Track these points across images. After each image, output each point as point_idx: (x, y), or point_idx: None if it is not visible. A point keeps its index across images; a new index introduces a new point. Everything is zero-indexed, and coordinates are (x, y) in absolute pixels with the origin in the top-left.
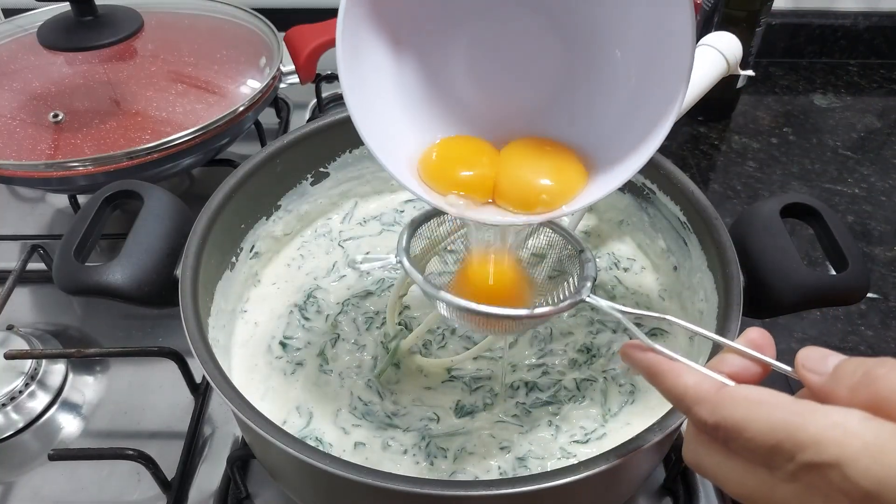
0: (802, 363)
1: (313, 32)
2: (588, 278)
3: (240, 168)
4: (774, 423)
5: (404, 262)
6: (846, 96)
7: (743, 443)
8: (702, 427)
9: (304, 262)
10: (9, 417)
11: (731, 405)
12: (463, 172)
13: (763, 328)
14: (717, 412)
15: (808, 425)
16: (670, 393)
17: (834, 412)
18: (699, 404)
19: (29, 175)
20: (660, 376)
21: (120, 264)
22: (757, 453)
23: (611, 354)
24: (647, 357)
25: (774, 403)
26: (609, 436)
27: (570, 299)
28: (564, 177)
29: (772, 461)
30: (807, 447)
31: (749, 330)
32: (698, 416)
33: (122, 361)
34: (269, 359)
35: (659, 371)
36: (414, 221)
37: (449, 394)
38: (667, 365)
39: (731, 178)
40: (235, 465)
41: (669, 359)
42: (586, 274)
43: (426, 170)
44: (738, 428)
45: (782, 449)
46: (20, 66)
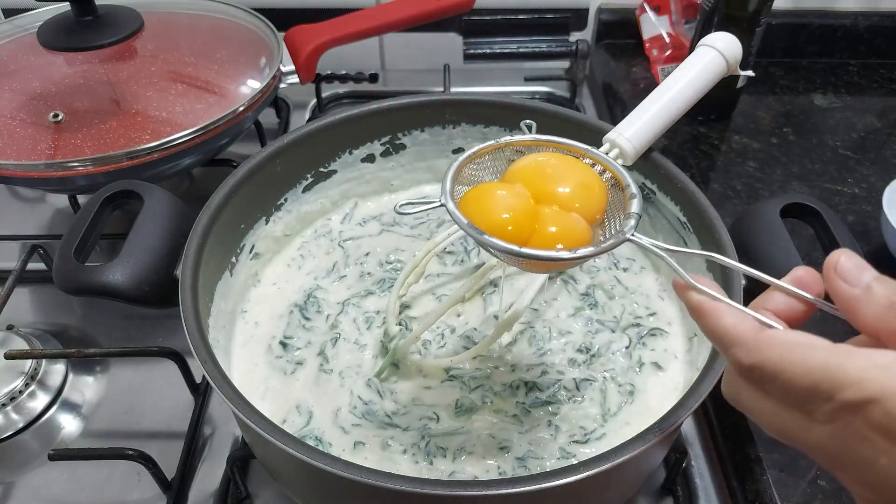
0: (837, 270)
1: (313, 32)
2: (632, 216)
3: (240, 168)
4: (812, 365)
5: (448, 204)
6: (846, 96)
7: (780, 385)
8: (739, 368)
9: (305, 262)
10: (9, 417)
11: (768, 347)
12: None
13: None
14: (753, 354)
15: (847, 366)
16: (710, 333)
17: (871, 353)
18: (737, 346)
19: (29, 175)
20: (702, 316)
21: (120, 264)
22: (793, 395)
23: (610, 354)
24: (691, 296)
25: (812, 345)
26: (608, 436)
27: (614, 239)
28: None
29: (808, 402)
30: (846, 387)
31: (797, 268)
32: (735, 358)
33: (122, 361)
34: (269, 358)
35: (702, 311)
36: (453, 165)
37: (448, 393)
38: (709, 305)
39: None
40: (235, 465)
41: (712, 299)
42: (631, 211)
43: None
44: (774, 370)
45: (820, 390)
46: (20, 66)
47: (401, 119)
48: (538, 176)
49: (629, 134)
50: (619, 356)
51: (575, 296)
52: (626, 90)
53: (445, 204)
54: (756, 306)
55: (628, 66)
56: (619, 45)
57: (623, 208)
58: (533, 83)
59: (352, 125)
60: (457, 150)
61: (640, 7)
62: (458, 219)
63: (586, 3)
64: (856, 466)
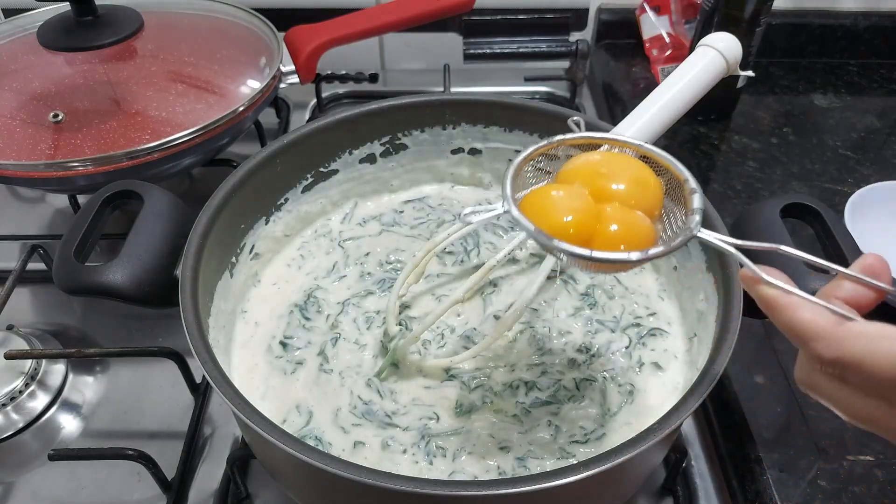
0: None
1: (313, 32)
2: (696, 211)
3: (240, 168)
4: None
5: (513, 211)
6: (846, 96)
7: (863, 377)
8: (819, 361)
9: (305, 263)
10: (9, 417)
11: (850, 341)
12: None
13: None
14: (835, 348)
15: None
16: (787, 328)
17: None
18: (817, 340)
19: (29, 175)
20: (777, 310)
21: (120, 264)
22: (876, 386)
23: (610, 354)
24: (763, 290)
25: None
26: (608, 436)
27: (682, 236)
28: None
29: (892, 392)
30: None
31: (866, 255)
32: (816, 352)
33: (122, 361)
34: (269, 358)
35: (776, 305)
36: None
37: (448, 393)
38: (784, 299)
39: (731, 178)
40: (235, 465)
41: (785, 292)
42: (694, 207)
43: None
44: (858, 363)
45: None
46: (20, 66)
47: (401, 119)
48: (594, 174)
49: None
50: (619, 356)
51: (575, 296)
52: (626, 90)
53: (510, 210)
54: (826, 295)
55: (628, 66)
56: (619, 45)
57: (681, 203)
58: (533, 83)
59: (352, 125)
60: (456, 150)
61: (640, 7)
62: (525, 225)
63: (586, 3)
64: None
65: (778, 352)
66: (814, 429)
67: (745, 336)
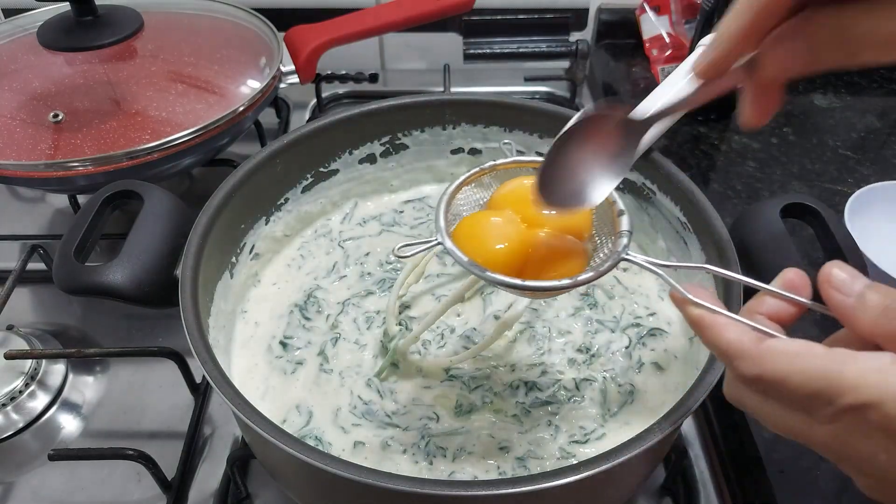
0: (830, 281)
1: (313, 32)
2: (624, 234)
3: (240, 168)
4: (814, 374)
5: (446, 243)
6: (846, 96)
7: (784, 392)
8: (742, 378)
9: (305, 263)
10: (9, 417)
11: (772, 359)
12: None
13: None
14: (756, 366)
15: (846, 372)
16: (713, 347)
17: (868, 358)
18: (740, 359)
19: (29, 175)
20: (703, 330)
21: (120, 264)
22: (796, 400)
23: (610, 354)
24: (690, 311)
25: (812, 354)
26: (608, 436)
27: (611, 260)
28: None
29: (811, 406)
30: (846, 392)
31: (786, 270)
32: (739, 370)
33: (122, 361)
34: (269, 358)
35: (702, 325)
36: (443, 199)
37: (448, 393)
38: (709, 319)
39: (731, 178)
40: (235, 465)
41: (711, 312)
42: (622, 229)
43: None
44: (778, 380)
45: (822, 396)
46: (20, 66)
47: (401, 119)
48: (524, 200)
49: None
50: (618, 356)
51: (575, 296)
52: (626, 90)
53: (443, 242)
54: (750, 311)
55: (628, 66)
56: (619, 45)
57: (613, 224)
58: (533, 83)
59: (352, 125)
60: (456, 150)
61: (640, 7)
62: (458, 257)
63: (586, 3)
64: (857, 461)
65: None
66: None
67: None
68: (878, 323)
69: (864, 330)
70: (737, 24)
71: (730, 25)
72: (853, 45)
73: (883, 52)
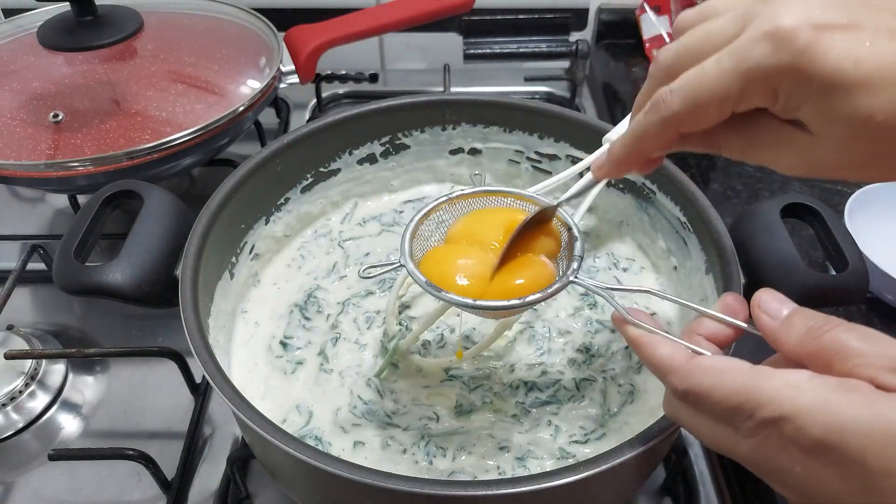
0: (759, 305)
1: (313, 32)
2: (576, 258)
3: (240, 168)
4: (735, 388)
5: (408, 265)
6: None
7: (709, 406)
8: (674, 392)
9: (305, 263)
10: (9, 417)
11: (699, 374)
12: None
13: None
14: (686, 380)
15: (763, 387)
16: (647, 362)
17: (786, 374)
18: (671, 374)
19: (29, 175)
20: (640, 347)
21: (120, 264)
22: (721, 414)
23: (610, 354)
24: (629, 330)
25: (735, 370)
26: (608, 436)
27: (559, 283)
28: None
29: (734, 420)
30: (763, 405)
31: (725, 295)
32: (671, 385)
33: (122, 361)
34: (269, 358)
35: (639, 342)
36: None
37: (448, 393)
38: (646, 338)
39: (731, 178)
40: (235, 465)
41: (648, 332)
42: (575, 254)
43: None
44: (703, 394)
45: (743, 409)
46: (20, 66)
47: (401, 119)
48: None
49: None
50: (618, 356)
51: (575, 296)
52: (626, 90)
53: (405, 265)
54: (689, 332)
55: (628, 66)
56: (619, 45)
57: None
58: (533, 83)
59: (352, 125)
60: (456, 150)
61: (640, 7)
62: (417, 278)
63: (586, 3)
64: (777, 474)
65: None
66: None
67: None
68: (802, 343)
69: (789, 350)
70: (624, 152)
71: (617, 151)
72: (757, 160)
73: (786, 171)
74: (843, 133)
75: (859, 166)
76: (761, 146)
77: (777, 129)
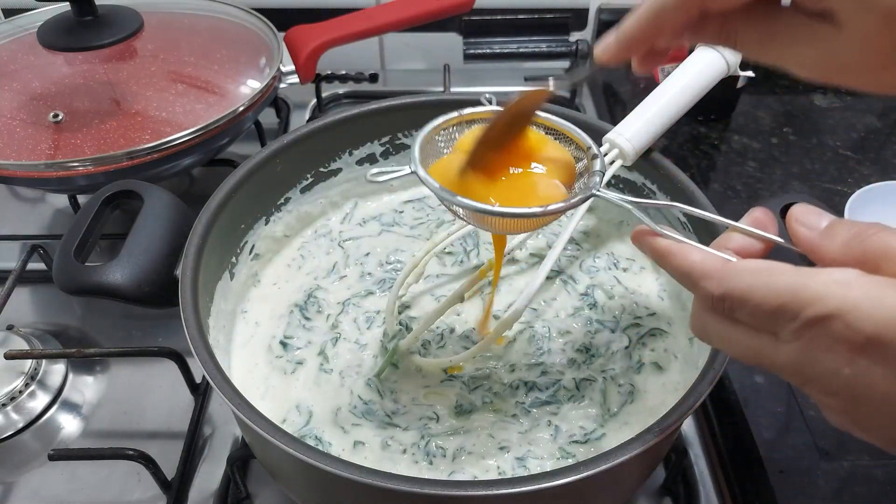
0: (796, 218)
1: (313, 32)
2: (596, 173)
3: (240, 168)
4: (778, 287)
5: (419, 171)
6: (846, 96)
7: (749, 310)
8: (708, 300)
9: (305, 263)
10: (9, 417)
11: (737, 276)
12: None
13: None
14: (723, 283)
15: (810, 284)
16: (678, 271)
17: (834, 272)
18: (706, 279)
19: (29, 175)
20: (668, 257)
21: (120, 264)
22: (761, 318)
23: (610, 354)
24: (656, 241)
25: (778, 270)
26: (608, 436)
27: (582, 194)
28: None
29: (776, 323)
30: (810, 304)
31: (753, 209)
32: (705, 290)
33: (122, 361)
34: (269, 358)
35: (668, 252)
36: (422, 133)
37: (448, 393)
38: (676, 247)
39: (731, 178)
40: (235, 465)
41: (677, 241)
42: (594, 169)
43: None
44: (743, 296)
45: (786, 310)
46: (20, 66)
47: (401, 119)
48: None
49: (629, 134)
50: (618, 356)
51: (574, 296)
52: (626, 90)
53: (416, 170)
54: (717, 246)
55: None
56: None
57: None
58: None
59: (352, 125)
60: None
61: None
62: (431, 184)
63: (586, 3)
64: (822, 378)
65: None
66: (814, 429)
67: None
68: (847, 249)
69: (833, 259)
70: (637, 26)
71: (629, 27)
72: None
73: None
74: (875, 23)
75: (882, 67)
76: (782, 41)
77: (800, 22)
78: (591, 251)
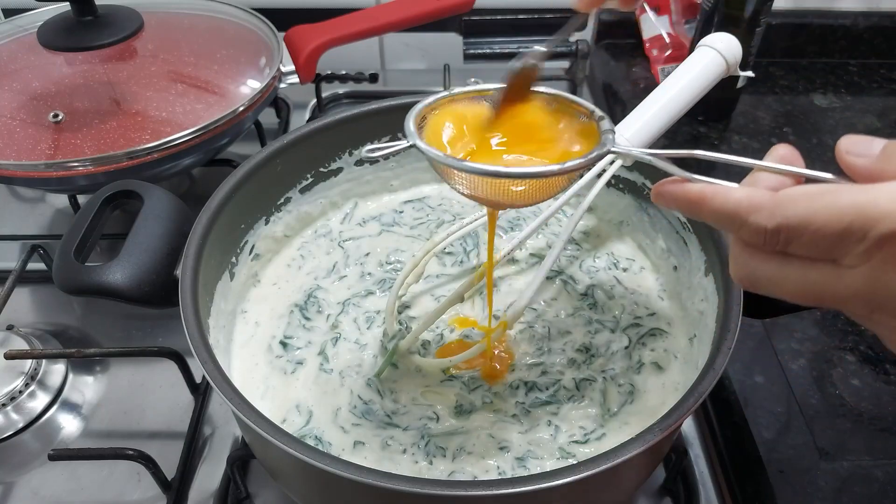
0: (847, 149)
1: (313, 32)
2: (606, 132)
3: (240, 168)
4: (842, 208)
5: (418, 143)
6: (846, 96)
7: (808, 237)
8: (760, 235)
9: (305, 263)
10: (9, 417)
11: (791, 203)
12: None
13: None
14: (777, 213)
15: (878, 200)
16: (721, 213)
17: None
18: (756, 212)
19: (29, 175)
20: (706, 201)
21: (120, 264)
22: (823, 245)
23: (610, 354)
24: (686, 188)
25: (836, 190)
26: (608, 436)
27: (598, 150)
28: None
29: (840, 247)
30: (880, 220)
31: (777, 147)
32: (757, 225)
33: (122, 361)
34: (269, 358)
35: (704, 197)
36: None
37: (448, 393)
38: (711, 188)
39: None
40: (235, 465)
41: (712, 184)
42: (603, 129)
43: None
44: (802, 223)
45: (852, 231)
46: (20, 66)
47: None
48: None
49: (629, 134)
50: (618, 356)
51: (574, 296)
52: (626, 90)
53: (416, 143)
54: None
55: (628, 66)
56: (619, 45)
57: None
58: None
59: (352, 125)
60: None
61: (640, 7)
62: (434, 154)
63: None
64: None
65: (778, 352)
66: (814, 429)
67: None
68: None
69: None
70: None
71: None
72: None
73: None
74: None
75: None
76: None
77: None
78: (591, 251)
